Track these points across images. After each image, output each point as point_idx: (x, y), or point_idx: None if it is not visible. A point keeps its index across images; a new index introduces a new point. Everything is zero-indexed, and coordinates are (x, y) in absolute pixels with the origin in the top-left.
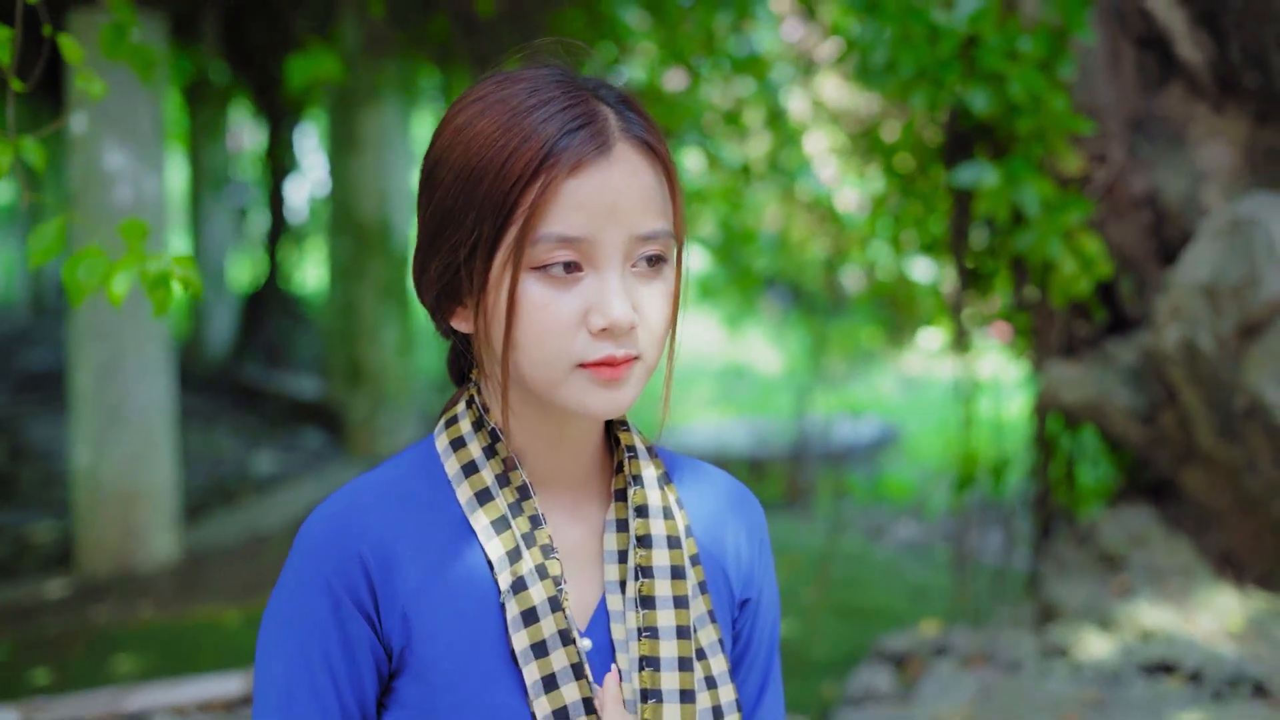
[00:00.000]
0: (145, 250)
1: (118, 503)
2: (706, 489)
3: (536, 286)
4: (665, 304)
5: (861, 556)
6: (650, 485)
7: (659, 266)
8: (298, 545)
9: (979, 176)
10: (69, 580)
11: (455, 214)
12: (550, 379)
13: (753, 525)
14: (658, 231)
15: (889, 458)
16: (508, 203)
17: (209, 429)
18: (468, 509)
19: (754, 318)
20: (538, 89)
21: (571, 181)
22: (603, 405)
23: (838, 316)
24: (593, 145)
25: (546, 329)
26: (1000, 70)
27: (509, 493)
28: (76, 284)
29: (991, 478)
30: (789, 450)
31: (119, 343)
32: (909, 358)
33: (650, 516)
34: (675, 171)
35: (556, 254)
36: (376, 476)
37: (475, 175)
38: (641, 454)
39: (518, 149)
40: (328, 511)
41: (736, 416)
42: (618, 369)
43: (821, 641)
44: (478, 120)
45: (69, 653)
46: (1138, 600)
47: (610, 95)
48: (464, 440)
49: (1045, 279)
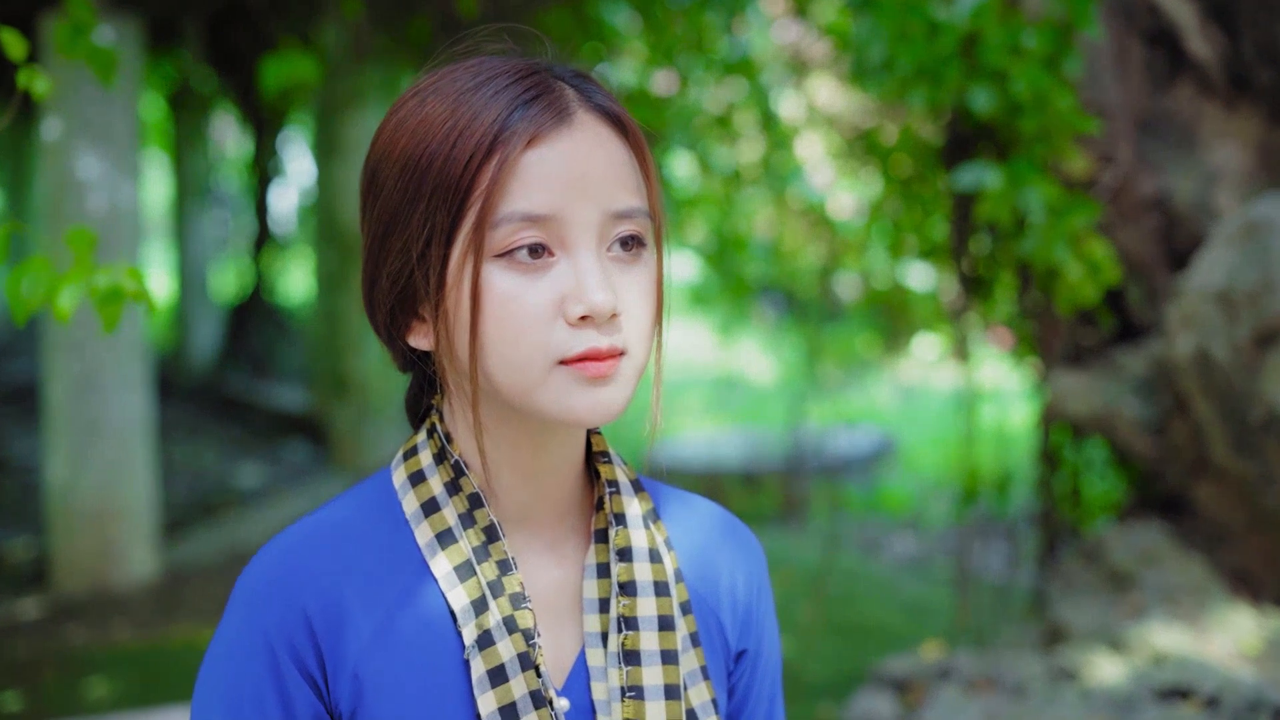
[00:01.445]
0: (95, 262)
1: (93, 520)
2: (698, 526)
3: (502, 276)
4: (649, 295)
5: (858, 572)
6: (634, 524)
7: (638, 252)
8: (234, 596)
9: (981, 179)
10: (43, 599)
11: (403, 210)
12: (526, 382)
13: (751, 566)
14: (633, 209)
15: (886, 469)
16: (461, 186)
17: (191, 441)
18: (427, 552)
19: (747, 326)
20: (483, 71)
21: (531, 154)
22: (590, 407)
23: (832, 324)
24: (550, 114)
25: (517, 323)
26: (1003, 68)
27: (474, 534)
28: (19, 299)
29: (995, 492)
30: (783, 462)
31: (95, 356)
32: (906, 366)
33: (635, 560)
34: (646, 146)
35: (521, 236)
36: (325, 516)
37: (422, 164)
38: (625, 488)
39: (467, 127)
40: (267, 557)
41: (729, 427)
42: (604, 363)
43: (818, 661)
44: (420, 110)
45: (41, 676)
46: (1150, 621)
47: (565, 71)
48: (424, 474)
49: (1050, 285)
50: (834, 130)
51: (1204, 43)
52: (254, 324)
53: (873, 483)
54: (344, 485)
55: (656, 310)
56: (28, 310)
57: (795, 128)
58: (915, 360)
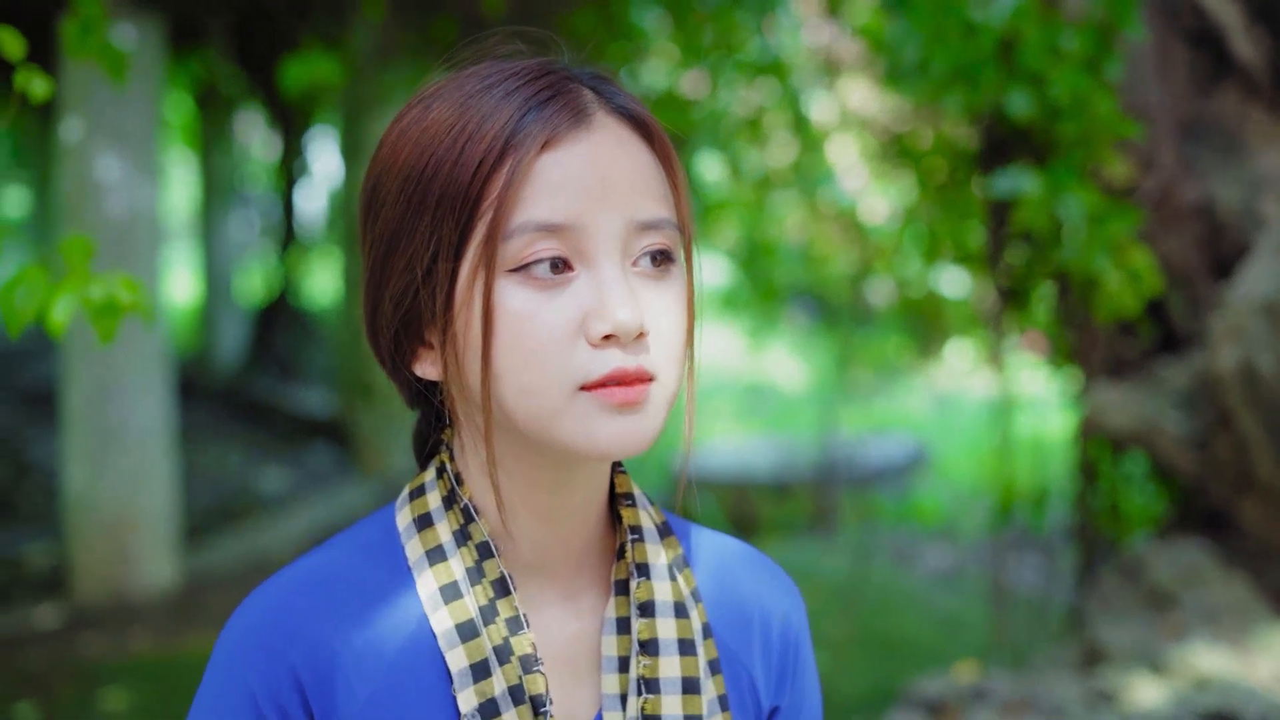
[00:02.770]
0: (94, 271)
1: (112, 527)
2: (732, 572)
3: (517, 292)
4: (678, 313)
5: (891, 584)
6: (659, 575)
7: (666, 267)
8: (217, 649)
9: (1018, 185)
10: (61, 608)
11: (407, 224)
12: (545, 410)
13: (789, 617)
14: (660, 219)
15: (919, 478)
16: (470, 194)
17: (215, 446)
18: (429, 606)
19: (777, 331)
20: (493, 73)
21: (546, 158)
22: (615, 438)
23: (865, 330)
24: (567, 115)
25: (534, 345)
26: (1041, 70)
27: (483, 589)
28: (13, 311)
29: (1031, 504)
30: (814, 471)
31: (114, 361)
32: (940, 373)
33: (657, 616)
34: (673, 152)
35: (538, 248)
36: (320, 561)
37: (427, 173)
38: (649, 534)
39: (476, 131)
40: (253, 608)
41: (759, 435)
42: (631, 388)
43: (849, 678)
44: (424, 117)
45: (56, 686)
46: (1191, 642)
47: (583, 73)
48: (431, 519)
49: (1090, 295)
50: (867, 133)
51: (1250, 44)
52: (280, 327)
53: (905, 492)
54: (368, 491)
55: (687, 330)
56: (22, 321)
57: (827, 131)
58: (949, 367)
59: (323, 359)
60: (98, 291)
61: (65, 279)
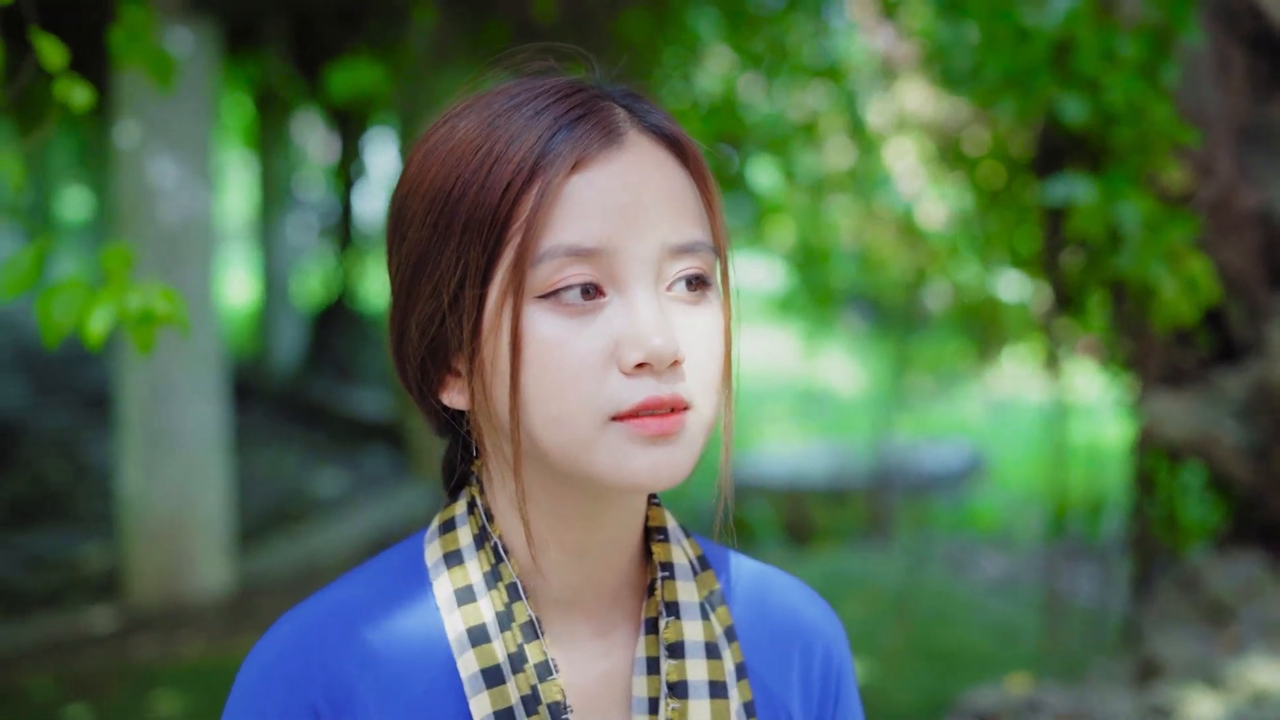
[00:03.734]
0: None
1: (166, 531)
2: (771, 606)
3: (547, 319)
4: (715, 339)
5: (946, 592)
6: (689, 614)
7: (702, 291)
8: (239, 680)
9: (1072, 192)
10: (115, 610)
11: (433, 248)
12: (575, 441)
13: (830, 649)
14: (696, 242)
15: (976, 485)
16: (498, 217)
17: (272, 448)
18: (456, 648)
19: (833, 336)
20: (521, 91)
21: (576, 179)
22: (649, 469)
23: (921, 334)
24: (598, 135)
25: (564, 374)
26: (1096, 75)
27: (512, 635)
28: (51, 321)
29: (1086, 514)
30: (870, 477)
31: (168, 364)
32: (998, 378)
33: (687, 657)
34: (709, 172)
35: (568, 273)
36: (343, 594)
37: (454, 195)
38: (681, 571)
39: (504, 152)
40: (274, 643)
41: (814, 440)
42: (666, 420)
43: (902, 688)
44: (450, 137)
45: (110, 690)
46: (1249, 656)
47: (615, 90)
48: (461, 556)
49: (1146, 303)
50: (924, 136)
51: None
52: (337, 329)
53: (961, 499)
54: (423, 494)
55: (724, 358)
56: (60, 332)
57: (884, 134)
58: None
59: (379, 361)
60: (135, 302)
61: (103, 289)
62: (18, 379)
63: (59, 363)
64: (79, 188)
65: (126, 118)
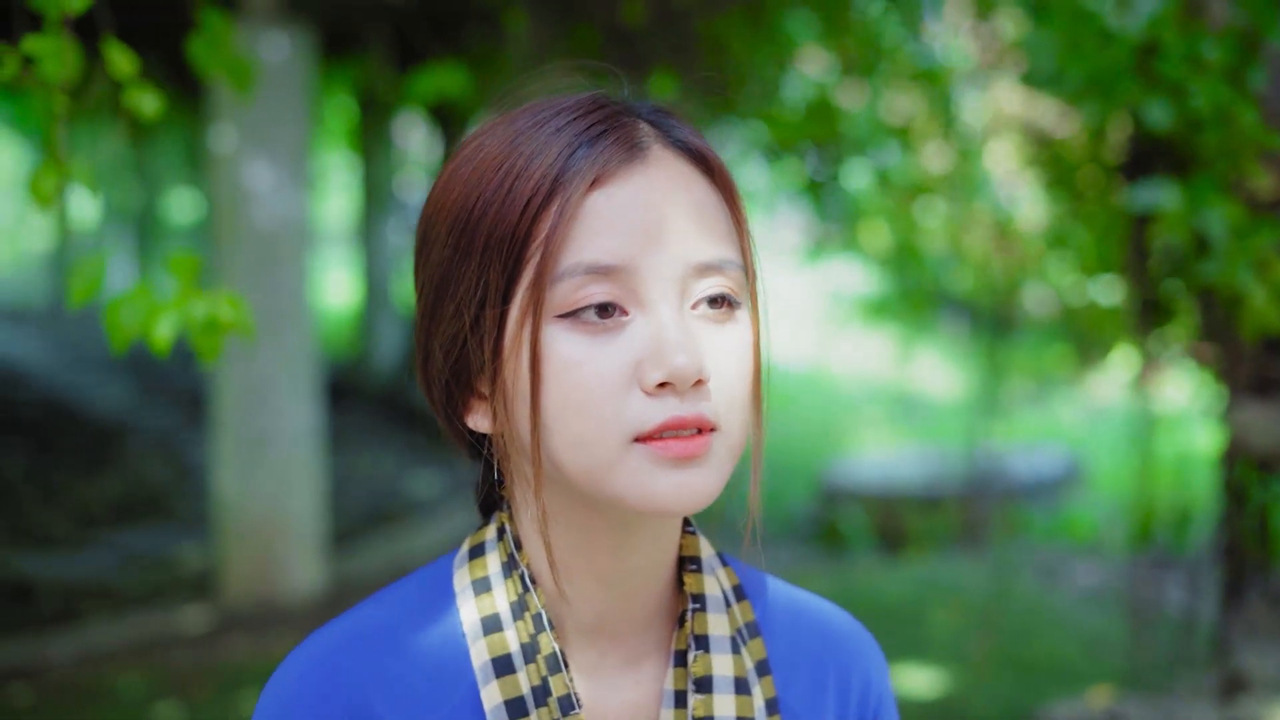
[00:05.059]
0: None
1: (260, 531)
2: (808, 637)
3: (567, 339)
4: (743, 359)
5: (1035, 602)
6: (719, 648)
7: (730, 310)
8: (261, 702)
9: (1157, 198)
10: (209, 610)
11: (455, 268)
12: (597, 464)
13: (869, 678)
14: (723, 260)
15: (1073, 493)
16: (517, 236)
17: (369, 449)
18: (481, 678)
19: (927, 339)
20: (545, 109)
21: (597, 196)
22: (674, 492)
23: (1019, 339)
24: (619, 150)
25: (585, 394)
26: (1181, 80)
27: (536, 667)
28: (119, 328)
29: (1174, 524)
30: (964, 483)
31: (264, 366)
32: (1097, 384)
33: (715, 692)
34: (736, 189)
35: (589, 292)
36: (368, 616)
37: (475, 214)
38: (712, 603)
39: (524, 170)
40: (297, 666)
41: (908, 445)
42: (690, 443)
43: (983, 698)
44: (475, 156)
45: (199, 689)
46: None
47: (642, 106)
48: (489, 583)
49: (1234, 311)
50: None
51: None
52: None
53: (1058, 507)
54: None
55: (754, 377)
56: (127, 339)
57: (981, 137)
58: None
59: None
60: (200, 310)
61: (171, 297)
62: (122, 380)
63: (163, 364)
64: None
65: (222, 122)
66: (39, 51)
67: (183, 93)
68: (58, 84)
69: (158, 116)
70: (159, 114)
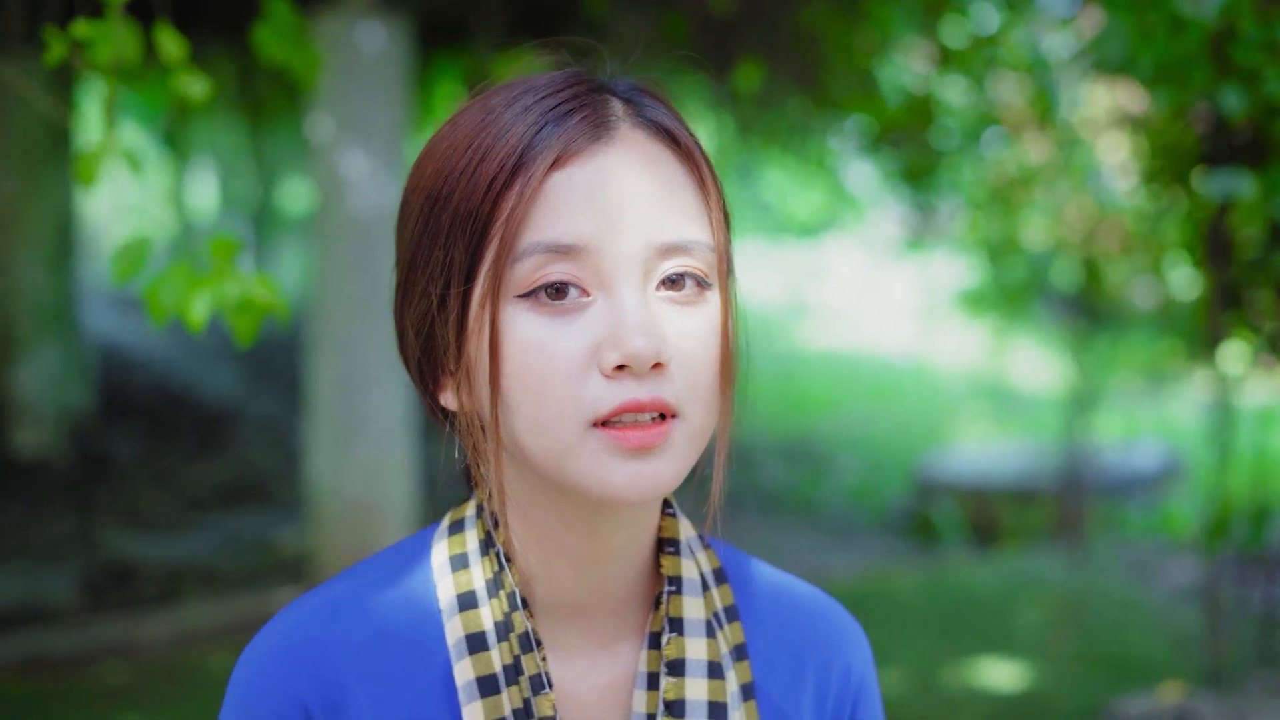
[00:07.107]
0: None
1: (353, 517)
2: (788, 623)
3: (527, 319)
4: (709, 344)
5: (1126, 598)
6: (693, 631)
7: (699, 291)
8: (234, 676)
9: (1233, 186)
10: (302, 592)
11: (424, 248)
12: (557, 447)
13: (849, 667)
14: (689, 241)
15: (1173, 488)
16: (481, 214)
17: None
18: (454, 654)
19: (1026, 330)
20: (519, 86)
21: (558, 175)
22: (631, 482)
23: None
24: (585, 128)
25: (543, 376)
26: (1256, 66)
27: (509, 645)
28: (159, 306)
29: (1250, 520)
30: (1060, 477)
31: (358, 353)
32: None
33: (687, 676)
34: (710, 169)
35: (548, 272)
36: (343, 590)
37: (443, 194)
38: (689, 586)
39: (490, 148)
40: (268, 640)
41: (1004, 438)
42: (648, 431)
43: (1062, 693)
44: (451, 134)
45: None
46: None
47: (621, 83)
48: (466, 560)
49: None
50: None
51: None
52: None
53: (1157, 503)
54: None
55: (723, 363)
56: (164, 315)
57: (1084, 128)
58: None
59: None
60: (233, 290)
61: (205, 277)
62: (233, 367)
63: (272, 352)
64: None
65: (318, 110)
66: (90, 36)
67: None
68: (108, 68)
69: (207, 99)
70: (207, 98)
